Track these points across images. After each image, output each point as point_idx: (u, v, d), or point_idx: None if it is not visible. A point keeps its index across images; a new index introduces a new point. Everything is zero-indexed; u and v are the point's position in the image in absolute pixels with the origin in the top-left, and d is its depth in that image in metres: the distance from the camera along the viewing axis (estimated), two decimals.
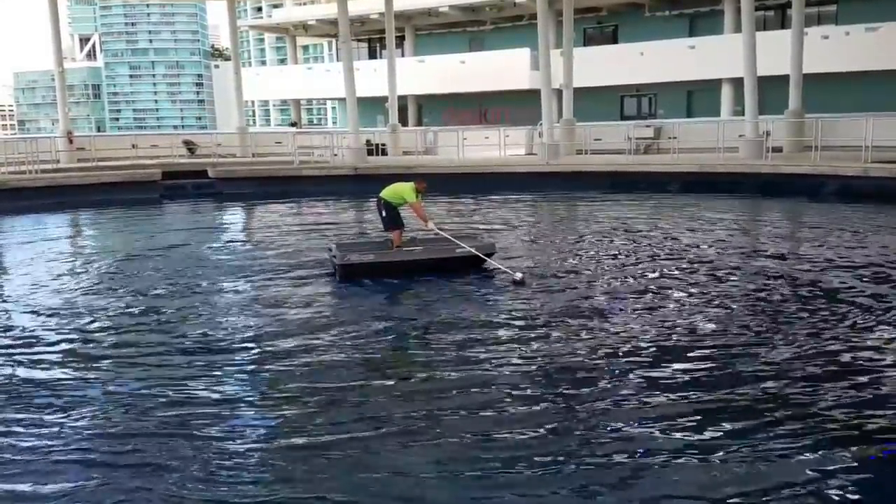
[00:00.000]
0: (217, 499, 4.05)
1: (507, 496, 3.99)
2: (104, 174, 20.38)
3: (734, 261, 10.20)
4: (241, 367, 6.24)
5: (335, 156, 23.37)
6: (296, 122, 40.13)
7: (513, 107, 29.73)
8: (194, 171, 21.15)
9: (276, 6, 61.56)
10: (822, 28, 25.30)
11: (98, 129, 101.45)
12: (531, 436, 4.71)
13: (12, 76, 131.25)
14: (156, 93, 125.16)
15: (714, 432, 4.69)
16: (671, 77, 27.73)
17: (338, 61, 32.23)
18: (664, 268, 9.71)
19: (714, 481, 4.12)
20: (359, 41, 36.55)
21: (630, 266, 9.88)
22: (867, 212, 14.36)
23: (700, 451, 4.44)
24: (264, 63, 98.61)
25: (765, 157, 19.26)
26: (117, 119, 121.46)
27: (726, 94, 27.12)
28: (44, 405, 5.39)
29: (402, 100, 29.77)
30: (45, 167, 20.46)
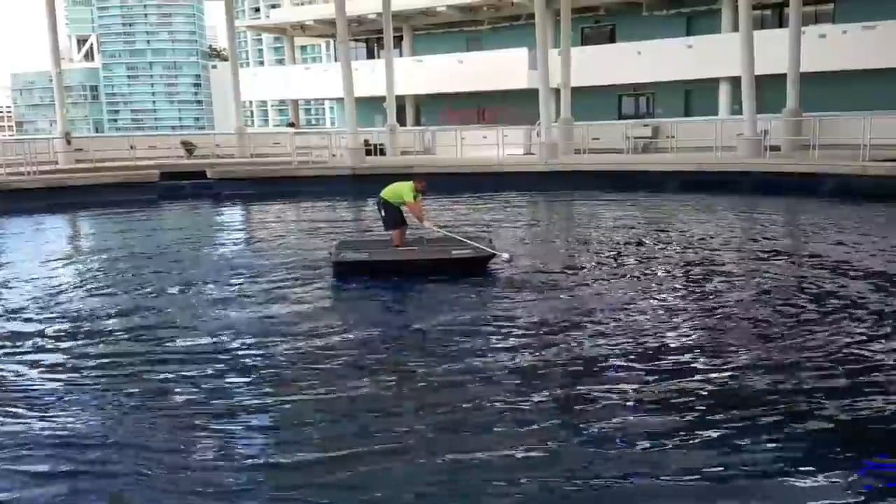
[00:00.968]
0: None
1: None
2: (102, 175, 20.37)
3: (733, 260, 10.20)
4: (228, 369, 6.13)
5: (333, 156, 23.38)
6: (294, 123, 40.09)
7: (511, 106, 29.73)
8: (192, 171, 21.14)
9: (273, 6, 61.59)
10: (820, 27, 25.34)
11: (96, 130, 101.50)
12: (529, 445, 4.57)
13: (10, 77, 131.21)
14: (154, 93, 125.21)
15: (712, 438, 4.63)
16: (669, 76, 27.75)
17: (336, 61, 32.27)
18: (665, 267, 9.71)
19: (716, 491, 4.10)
20: (357, 41, 36.54)
21: (630, 266, 9.87)
22: (866, 210, 14.38)
23: (699, 459, 4.42)
24: (262, 63, 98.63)
25: (763, 156, 19.29)
26: (115, 120, 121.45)
27: (724, 92, 27.14)
28: (29, 404, 5.40)
29: (400, 100, 29.79)
30: (44, 168, 20.44)
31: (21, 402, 5.48)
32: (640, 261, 10.16)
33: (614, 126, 25.42)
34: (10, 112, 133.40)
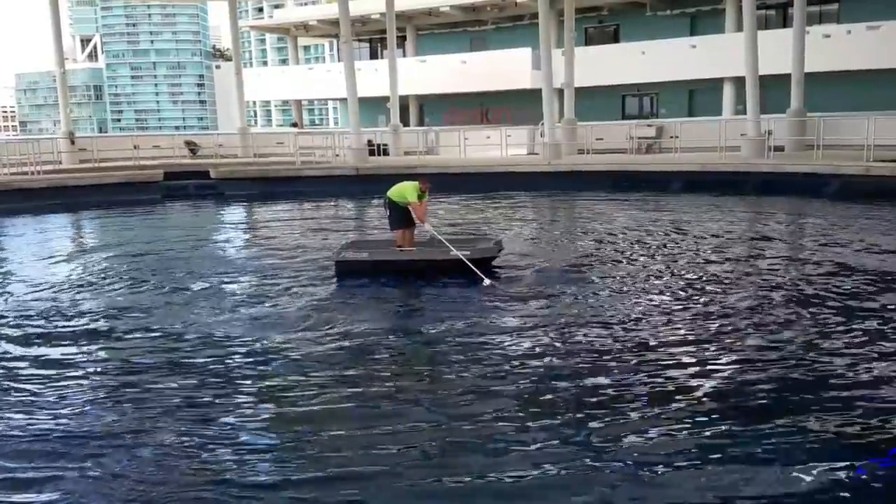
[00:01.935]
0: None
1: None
2: (106, 175, 20.41)
3: (737, 259, 10.18)
4: (224, 370, 6.10)
5: (337, 156, 23.39)
6: (297, 123, 40.12)
7: (514, 106, 29.72)
8: (196, 171, 21.17)
9: (277, 6, 61.62)
10: (824, 27, 25.27)
11: (100, 130, 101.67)
12: (536, 464, 4.39)
13: (14, 77, 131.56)
14: (157, 93, 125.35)
15: (722, 438, 4.61)
16: (673, 76, 27.70)
17: (339, 61, 32.25)
18: (668, 267, 9.69)
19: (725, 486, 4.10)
20: (360, 41, 36.56)
21: (633, 267, 9.85)
22: (870, 210, 14.33)
23: (704, 459, 4.41)
24: (266, 63, 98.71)
25: (766, 156, 19.25)
26: (119, 120, 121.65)
27: (728, 93, 27.10)
28: (29, 403, 5.42)
29: (403, 100, 29.76)
30: (47, 168, 20.49)
31: (20, 401, 5.50)
32: (642, 261, 10.14)
33: (618, 126, 25.38)
34: (14, 112, 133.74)
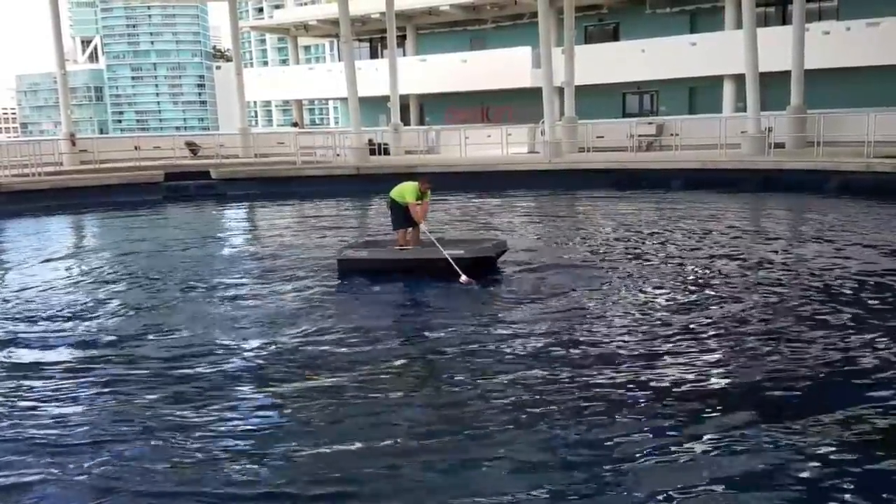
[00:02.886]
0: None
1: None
2: (107, 176, 20.43)
3: (738, 259, 10.18)
4: (222, 368, 6.12)
5: (337, 156, 23.42)
6: (297, 123, 40.15)
7: (515, 105, 29.72)
8: (197, 172, 21.18)
9: (277, 7, 61.62)
10: (824, 24, 25.25)
11: (100, 131, 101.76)
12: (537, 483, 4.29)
13: (14, 79, 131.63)
14: (158, 94, 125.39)
15: (727, 438, 4.59)
16: (673, 74, 27.66)
17: (339, 61, 32.26)
18: (670, 265, 9.70)
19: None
20: (360, 41, 36.54)
21: (634, 265, 9.85)
22: (870, 207, 14.32)
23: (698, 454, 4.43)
24: (266, 63, 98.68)
25: (767, 154, 19.24)
26: (119, 121, 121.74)
27: (728, 90, 27.06)
28: (28, 401, 5.45)
29: (403, 99, 29.78)
30: (48, 169, 20.51)
31: (19, 399, 5.53)
32: (643, 260, 10.14)
33: (618, 124, 25.38)
34: (14, 114, 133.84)
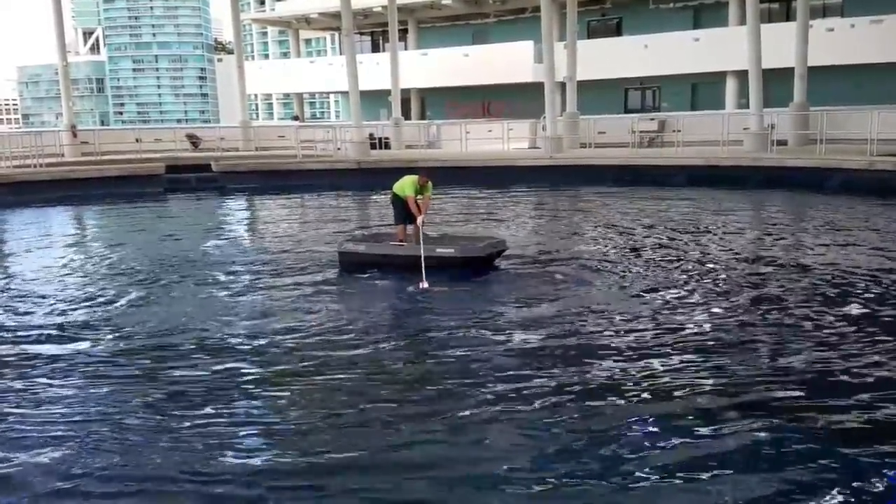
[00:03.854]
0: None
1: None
2: (108, 168, 20.40)
3: (739, 258, 10.16)
4: (222, 362, 6.08)
5: (338, 149, 23.37)
6: (298, 116, 40.09)
7: (516, 100, 29.67)
8: (198, 164, 21.15)
9: None
10: (828, 20, 25.20)
11: (102, 123, 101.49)
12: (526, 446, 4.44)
13: (16, 70, 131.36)
14: (159, 86, 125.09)
15: (728, 438, 4.57)
16: (675, 70, 27.63)
17: (341, 55, 32.21)
18: (671, 262, 9.68)
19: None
20: (362, 34, 36.49)
21: (635, 262, 9.84)
22: (873, 205, 14.28)
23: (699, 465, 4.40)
24: (267, 57, 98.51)
25: (769, 150, 19.19)
26: (121, 113, 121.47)
27: (731, 86, 27.03)
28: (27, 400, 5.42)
29: (405, 93, 29.72)
30: (50, 161, 20.49)
31: (9, 390, 5.53)
32: (644, 257, 10.12)
33: (620, 120, 25.34)
34: (16, 105, 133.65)
